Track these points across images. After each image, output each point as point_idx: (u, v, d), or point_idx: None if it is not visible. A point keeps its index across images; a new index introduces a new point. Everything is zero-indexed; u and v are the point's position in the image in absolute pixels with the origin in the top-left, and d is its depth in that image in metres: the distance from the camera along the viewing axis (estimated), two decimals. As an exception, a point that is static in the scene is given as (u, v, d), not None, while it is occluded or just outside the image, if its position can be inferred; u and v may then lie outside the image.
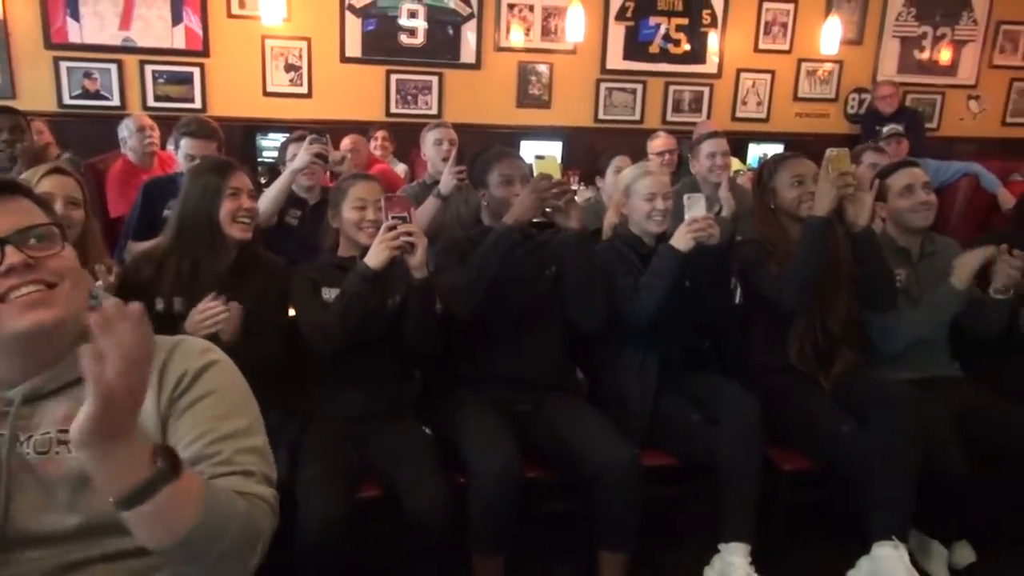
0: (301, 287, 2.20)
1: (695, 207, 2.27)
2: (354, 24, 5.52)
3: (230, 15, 5.30)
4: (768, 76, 6.21)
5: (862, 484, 2.14)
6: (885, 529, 2.08)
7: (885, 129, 5.00)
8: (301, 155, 3.01)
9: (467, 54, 5.71)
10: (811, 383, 2.42)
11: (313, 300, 2.17)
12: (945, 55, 6.48)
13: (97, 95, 5.22)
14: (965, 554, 2.48)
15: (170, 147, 3.49)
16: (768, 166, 2.56)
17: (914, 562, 2.17)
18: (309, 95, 5.52)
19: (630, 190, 2.45)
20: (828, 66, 6.27)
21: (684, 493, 2.44)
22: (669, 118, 6.07)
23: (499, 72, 5.78)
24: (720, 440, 2.19)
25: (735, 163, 4.63)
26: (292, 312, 2.23)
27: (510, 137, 5.47)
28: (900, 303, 2.52)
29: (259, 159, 5.09)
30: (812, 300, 2.37)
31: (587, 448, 2.10)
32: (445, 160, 3.36)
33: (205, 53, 5.31)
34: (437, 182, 3.26)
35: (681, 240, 2.25)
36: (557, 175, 2.22)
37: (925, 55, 6.45)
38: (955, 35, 6.46)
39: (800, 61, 6.22)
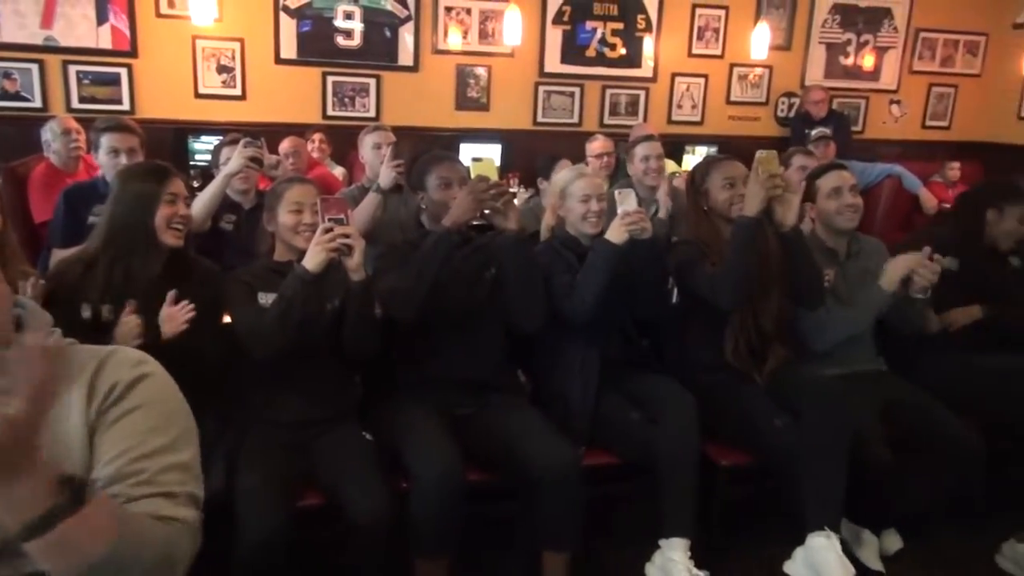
0: (236, 292, 2.15)
1: (626, 201, 2.31)
2: (289, 25, 5.43)
3: (159, 15, 5.16)
4: (702, 80, 6.35)
5: (795, 477, 2.20)
6: (818, 520, 2.15)
7: (813, 132, 5.17)
8: (235, 159, 2.95)
9: (405, 56, 5.68)
10: (746, 380, 2.48)
11: (249, 305, 2.13)
12: (868, 61, 6.73)
13: (17, 96, 5.01)
14: (893, 541, 2.59)
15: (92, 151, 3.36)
16: (700, 169, 2.62)
17: (847, 551, 2.24)
18: (243, 97, 5.41)
19: (565, 192, 2.48)
20: (759, 71, 6.45)
21: (625, 491, 2.47)
22: (607, 121, 6.15)
23: (437, 75, 5.77)
24: (659, 438, 2.23)
25: (671, 165, 4.73)
26: (227, 319, 2.18)
27: (449, 140, 5.46)
28: (829, 302, 2.60)
29: (191, 162, 4.96)
30: (745, 299, 2.43)
31: (529, 449, 2.11)
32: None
33: (133, 53, 5.15)
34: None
35: (615, 233, 2.28)
36: (494, 177, 2.22)
37: (850, 61, 6.69)
38: (877, 42, 6.72)
39: (732, 66, 6.38)
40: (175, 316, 2.02)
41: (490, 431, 2.23)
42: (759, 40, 5.80)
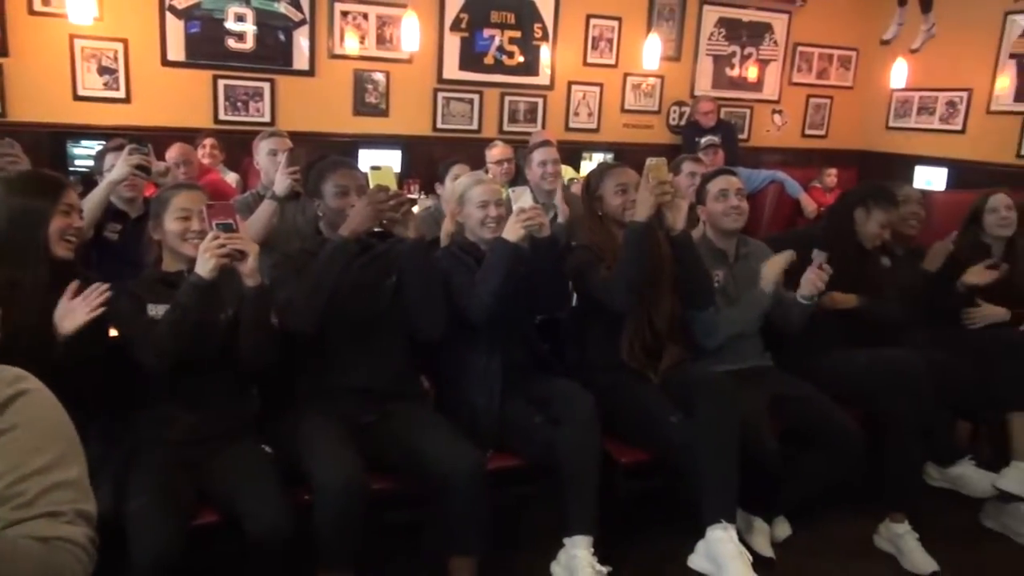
0: (124, 305, 2.06)
1: (522, 198, 2.34)
2: (176, 26, 5.23)
3: (32, 12, 4.86)
4: (597, 89, 6.51)
5: (692, 470, 2.29)
6: (714, 512, 2.24)
7: (703, 140, 5.40)
8: (120, 165, 2.81)
9: (300, 60, 5.57)
10: (642, 379, 2.56)
11: (138, 317, 2.04)
12: (752, 72, 7.08)
13: None
14: (783, 528, 2.73)
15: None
16: (595, 175, 2.69)
17: (740, 539, 2.34)
18: (127, 100, 5.17)
19: (464, 198, 2.50)
20: (651, 80, 6.67)
21: (531, 493, 2.51)
22: (506, 128, 6.22)
23: (334, 79, 5.69)
24: (561, 438, 2.27)
25: (568, 171, 4.83)
26: (113, 332, 2.08)
27: (347, 146, 5.39)
28: (719, 301, 2.73)
29: (71, 168, 4.69)
30: (639, 301, 2.51)
31: (433, 455, 2.11)
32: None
33: (3, 52, 4.83)
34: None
35: (512, 231, 2.31)
36: (393, 186, 2.21)
37: (735, 72, 7.01)
38: (760, 55, 7.07)
39: (626, 75, 6.58)
40: (76, 308, 1.91)
41: (395, 438, 2.21)
42: (651, 51, 6.01)
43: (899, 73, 6.39)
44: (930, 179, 6.50)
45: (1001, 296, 3.17)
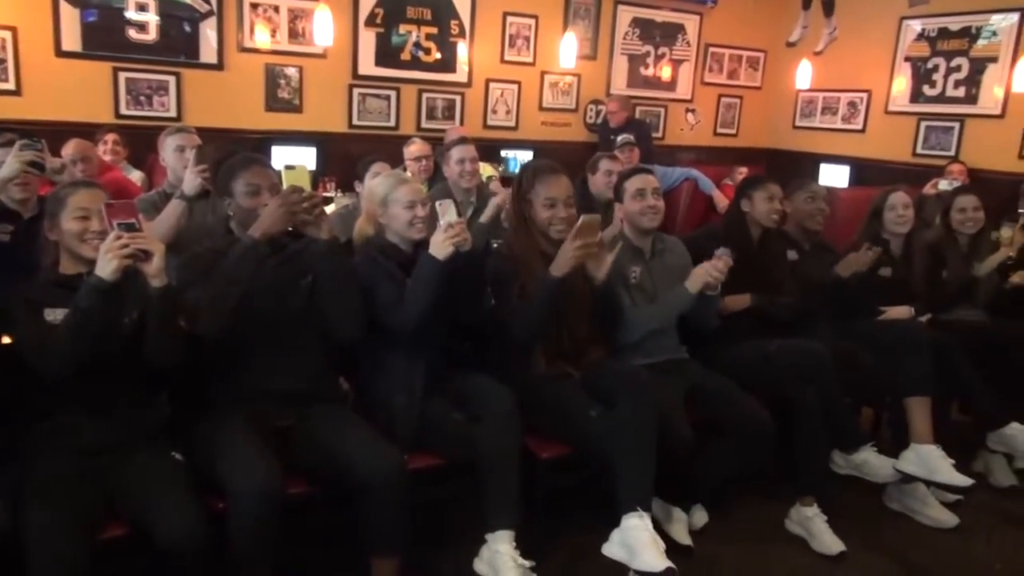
0: (18, 310, 1.96)
1: (448, 213, 2.32)
2: (70, 14, 4.99)
3: (-94, -3, 4.56)
4: (515, 86, 6.56)
5: (610, 462, 2.34)
6: (630, 501, 2.29)
7: (619, 138, 5.50)
8: (10, 162, 2.66)
9: (208, 53, 5.40)
10: (563, 374, 2.60)
11: (35, 323, 1.95)
12: (666, 72, 7.27)
13: None
14: (700, 516, 2.83)
15: None
16: (527, 176, 2.65)
17: (659, 529, 2.41)
18: (18, 92, 4.90)
19: (388, 200, 2.46)
20: (568, 79, 6.77)
21: (453, 492, 2.51)
22: (424, 125, 6.19)
23: (244, 73, 5.54)
24: (481, 435, 2.28)
25: (486, 168, 4.85)
26: (7, 340, 1.98)
27: (259, 142, 5.26)
28: (637, 298, 2.80)
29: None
30: (555, 316, 2.53)
31: (353, 457, 2.09)
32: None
33: None
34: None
35: (439, 248, 2.29)
36: (308, 186, 2.17)
37: (649, 72, 7.19)
38: (673, 55, 7.27)
39: (543, 73, 6.65)
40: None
41: (313, 441, 2.18)
42: (567, 49, 6.09)
43: (804, 74, 6.68)
44: (834, 176, 6.83)
45: (897, 292, 3.35)
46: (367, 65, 5.94)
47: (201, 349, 2.13)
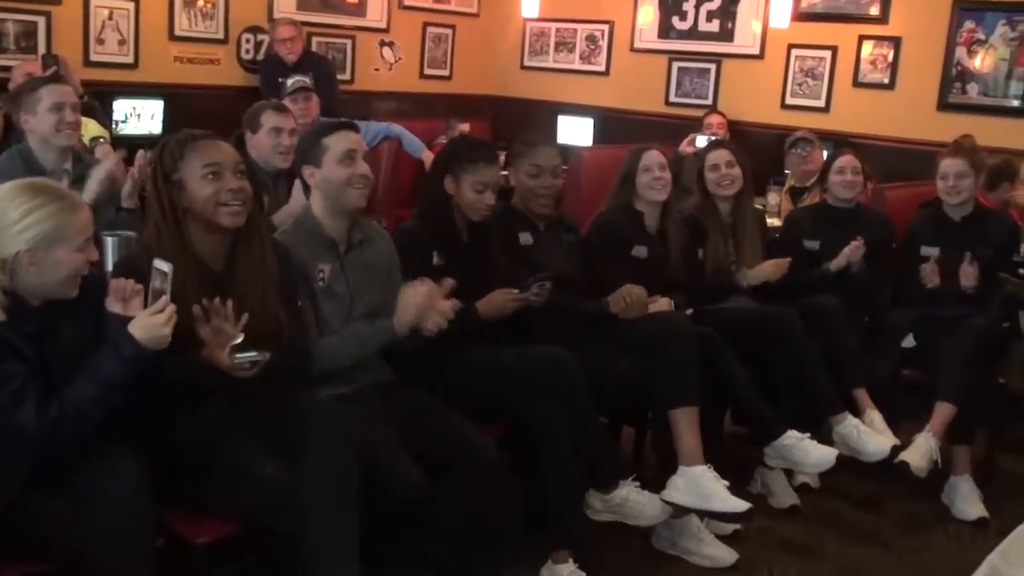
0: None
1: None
2: None
3: None
4: (131, 5, 6.24)
5: (300, 532, 2.34)
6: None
7: (290, 82, 5.44)
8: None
9: None
10: (228, 423, 2.53)
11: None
12: (351, -9, 7.34)
13: None
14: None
15: None
16: (170, 149, 2.52)
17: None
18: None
19: None
20: (211, -5, 6.58)
21: None
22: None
23: None
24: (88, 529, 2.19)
25: (91, 127, 4.56)
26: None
27: None
28: (326, 308, 2.86)
29: None
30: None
31: None
32: None
33: None
34: None
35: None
36: None
37: (329, -12, 7.21)
38: (359, -35, 7.36)
39: (172, -17, 6.41)
40: None
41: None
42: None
43: (531, -1, 7.11)
44: (575, 131, 7.36)
45: (654, 278, 3.67)
46: None
47: None
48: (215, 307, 2.38)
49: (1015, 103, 6.08)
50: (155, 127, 6.05)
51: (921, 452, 3.62)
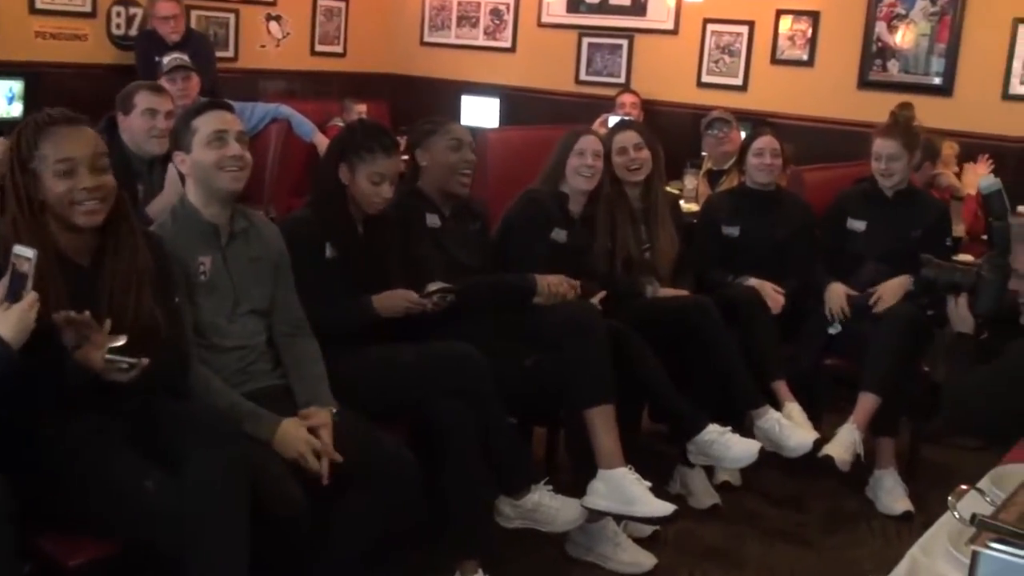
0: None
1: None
2: None
3: None
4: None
5: (183, 550, 2.31)
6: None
7: (167, 60, 5.36)
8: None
9: None
10: (102, 433, 2.50)
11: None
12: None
13: None
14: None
15: None
16: (26, 136, 2.44)
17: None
18: None
19: None
20: (77, -36, 6.44)
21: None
22: None
23: None
24: None
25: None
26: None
27: None
28: (208, 306, 2.83)
29: None
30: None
31: None
32: None
33: None
34: None
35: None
36: None
37: (208, -43, 7.11)
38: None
39: (34, -47, 6.26)
40: None
41: None
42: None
43: (430, -31, 7.11)
44: (480, 112, 7.39)
45: (574, 265, 3.73)
46: None
47: None
48: (83, 319, 2.32)
49: (936, 80, 6.28)
50: (15, 110, 5.88)
51: (844, 445, 3.72)
